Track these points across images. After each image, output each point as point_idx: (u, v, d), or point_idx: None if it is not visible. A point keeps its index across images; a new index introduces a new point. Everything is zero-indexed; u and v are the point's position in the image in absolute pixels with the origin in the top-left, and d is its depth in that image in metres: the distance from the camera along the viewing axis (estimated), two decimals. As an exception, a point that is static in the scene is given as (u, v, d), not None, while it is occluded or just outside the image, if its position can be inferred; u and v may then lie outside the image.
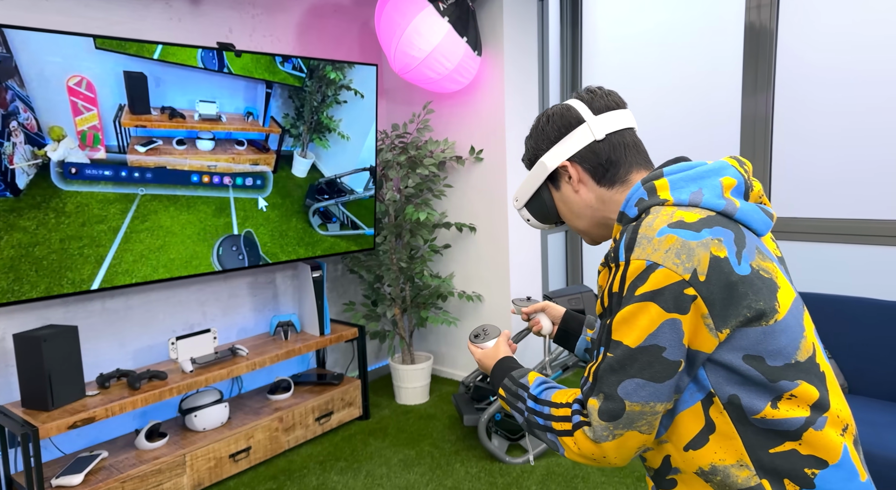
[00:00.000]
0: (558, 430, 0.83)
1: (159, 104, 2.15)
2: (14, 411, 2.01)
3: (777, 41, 2.62)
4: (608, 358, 0.79)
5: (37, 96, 1.73)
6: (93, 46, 1.88)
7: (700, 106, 2.94)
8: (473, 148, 3.07)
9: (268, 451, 2.51)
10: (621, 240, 0.81)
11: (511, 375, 0.95)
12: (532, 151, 0.99)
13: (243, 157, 2.48)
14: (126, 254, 2.17)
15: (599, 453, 0.80)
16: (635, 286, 0.77)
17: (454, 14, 2.68)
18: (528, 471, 2.38)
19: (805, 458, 0.78)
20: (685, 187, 0.82)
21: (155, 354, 2.55)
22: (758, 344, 0.77)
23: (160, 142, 2.15)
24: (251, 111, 2.47)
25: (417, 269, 3.03)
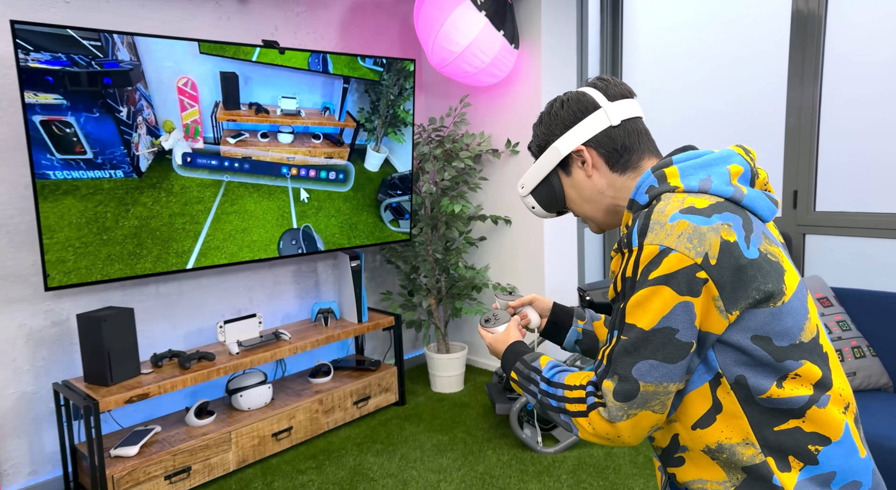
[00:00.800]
0: (572, 411, 0.86)
1: (247, 100, 2.39)
2: (77, 386, 2.17)
3: (826, 29, 2.54)
4: (622, 340, 0.82)
5: (155, 95, 2.05)
6: (197, 51, 2.15)
7: (743, 96, 2.88)
8: (510, 141, 3.10)
9: (308, 431, 2.62)
10: (634, 226, 0.83)
11: (523, 359, 0.97)
12: (543, 137, 0.99)
13: (318, 151, 2.65)
14: (217, 232, 2.42)
15: (614, 433, 0.82)
16: (649, 270, 0.79)
17: (491, 8, 2.71)
18: (560, 460, 2.42)
19: (808, 435, 0.81)
20: (694, 174, 0.85)
21: (204, 337, 2.69)
22: (765, 325, 0.80)
23: (247, 134, 2.39)
24: (328, 106, 2.65)
25: (452, 260, 3.08)
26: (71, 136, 1.78)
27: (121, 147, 1.95)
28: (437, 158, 3.05)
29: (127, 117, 1.91)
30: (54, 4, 2.19)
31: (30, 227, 2.20)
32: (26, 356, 2.23)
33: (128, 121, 1.92)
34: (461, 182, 3.20)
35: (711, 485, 0.85)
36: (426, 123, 3.52)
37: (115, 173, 1.98)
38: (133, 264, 2.21)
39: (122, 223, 2.07)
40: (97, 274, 2.15)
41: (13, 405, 2.21)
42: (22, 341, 2.21)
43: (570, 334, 1.17)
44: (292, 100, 2.52)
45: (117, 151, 1.94)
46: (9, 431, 2.20)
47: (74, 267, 2.08)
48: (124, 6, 2.35)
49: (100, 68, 1.82)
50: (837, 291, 2.33)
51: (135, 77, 1.94)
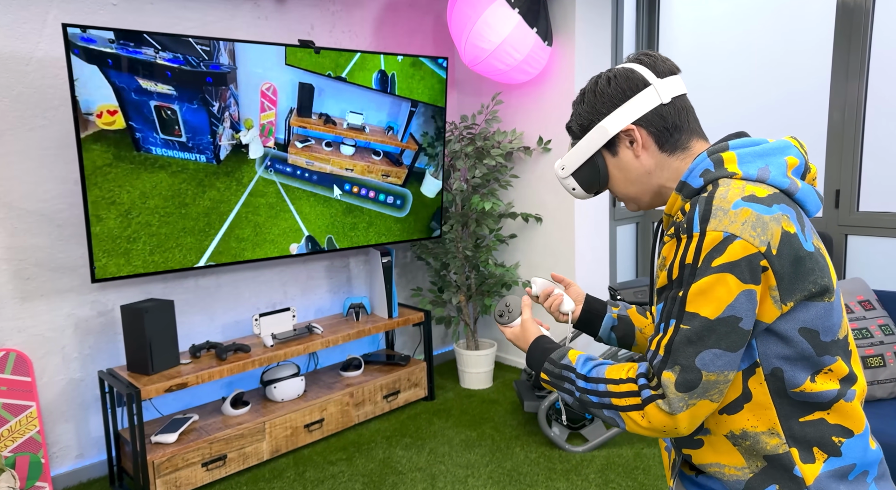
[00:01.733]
0: (621, 405, 0.83)
1: (318, 110, 2.58)
2: (121, 374, 2.26)
3: (873, 22, 2.46)
4: (683, 330, 0.79)
5: (241, 95, 2.31)
6: (283, 62, 2.40)
7: (784, 92, 2.80)
8: (541, 138, 3.09)
9: (339, 423, 2.68)
10: (694, 211, 0.81)
11: (551, 359, 0.94)
12: (587, 116, 0.95)
13: (377, 167, 2.81)
14: (273, 227, 2.57)
15: (672, 424, 0.80)
16: (712, 257, 0.77)
17: (525, 5, 2.70)
18: (588, 460, 2.41)
19: (833, 426, 0.82)
20: (753, 163, 0.83)
21: (240, 329, 2.77)
22: (818, 318, 0.80)
23: (313, 141, 2.59)
24: (392, 125, 2.81)
25: (483, 257, 3.09)
26: (173, 120, 2.11)
27: (208, 136, 2.21)
28: (469, 156, 3.06)
29: (217, 111, 2.20)
30: (103, 6, 2.27)
31: (78, 220, 2.30)
32: (74, 344, 2.33)
33: (217, 114, 2.20)
34: (492, 179, 3.21)
35: (729, 469, 0.85)
36: (458, 121, 3.53)
37: (200, 157, 2.23)
38: (200, 242, 2.36)
39: (199, 201, 2.30)
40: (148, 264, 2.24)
41: (62, 391, 2.31)
42: (70, 330, 2.32)
43: (606, 321, 1.13)
44: (359, 115, 2.70)
45: (205, 139, 2.21)
46: (58, 416, 2.31)
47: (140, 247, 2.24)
48: (168, 7, 2.42)
49: (205, 69, 2.14)
50: (880, 294, 2.26)
51: (230, 79, 2.22)
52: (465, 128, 3.15)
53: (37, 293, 2.23)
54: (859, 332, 2.11)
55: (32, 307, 2.23)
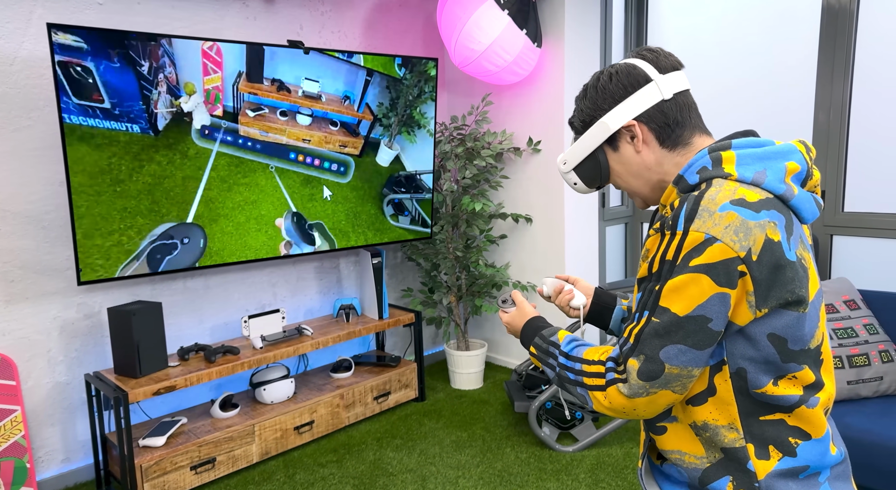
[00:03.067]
0: (589, 384, 0.88)
1: (271, 76, 2.38)
2: (108, 377, 2.24)
3: (858, 24, 2.49)
4: (654, 322, 0.82)
5: (178, 54, 2.05)
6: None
7: (771, 93, 2.83)
8: (531, 139, 3.10)
9: (329, 425, 2.67)
10: (681, 208, 0.82)
11: (541, 334, 0.99)
12: (588, 111, 0.96)
13: (334, 138, 2.66)
14: (228, 200, 2.42)
15: (630, 407, 0.84)
16: (690, 257, 0.79)
17: (514, 6, 2.71)
18: (578, 459, 2.42)
19: (791, 428, 0.84)
20: (751, 165, 0.84)
21: (229, 331, 2.75)
22: (788, 327, 0.82)
23: (266, 110, 2.40)
24: (349, 95, 2.66)
25: (473, 258, 3.10)
26: (89, 84, 1.81)
27: (139, 102, 1.96)
28: (459, 156, 3.06)
29: (148, 73, 1.93)
30: (89, 6, 2.25)
31: (64, 222, 2.28)
32: (60, 347, 2.31)
33: (148, 76, 1.93)
34: (482, 180, 3.21)
35: (689, 457, 0.89)
36: (448, 122, 3.53)
37: (132, 127, 1.99)
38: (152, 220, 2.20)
39: (136, 178, 2.08)
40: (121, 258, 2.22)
41: (48, 394, 2.29)
42: (56, 333, 2.29)
43: (616, 313, 1.15)
44: (315, 83, 2.52)
45: (136, 106, 1.96)
46: (44, 420, 2.28)
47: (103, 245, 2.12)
48: (156, 7, 2.41)
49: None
50: (865, 294, 2.29)
51: (158, 36, 1.97)
52: (455, 129, 3.15)
53: (22, 296, 2.21)
54: (844, 332, 2.14)
55: (17, 310, 2.20)
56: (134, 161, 2.01)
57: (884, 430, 1.87)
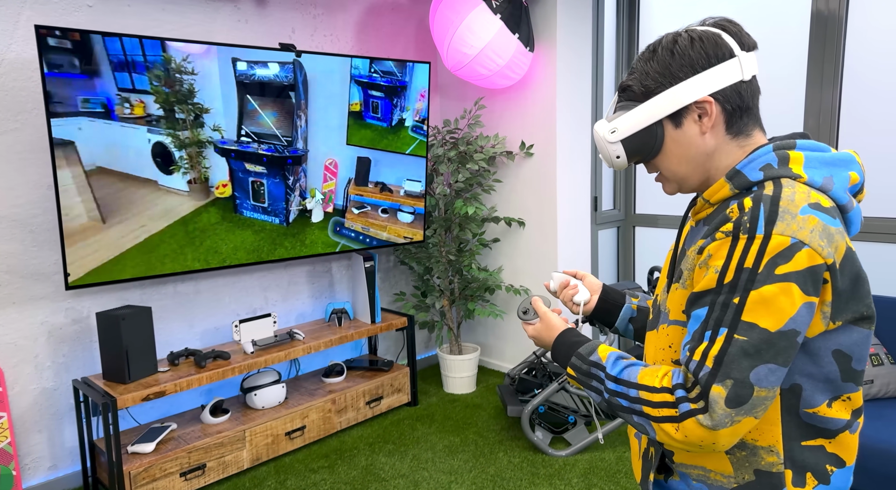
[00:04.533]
0: (654, 415, 0.77)
1: (375, 179, 2.87)
2: (96, 382, 2.21)
3: (846, 30, 2.51)
4: (740, 341, 0.72)
5: (309, 169, 2.68)
6: (345, 143, 2.75)
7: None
8: (524, 143, 3.10)
9: (321, 430, 2.65)
10: (758, 209, 0.74)
11: (579, 353, 0.87)
12: (657, 77, 0.83)
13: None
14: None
15: (711, 439, 0.73)
16: (776, 264, 0.71)
17: (506, 11, 2.72)
18: (571, 464, 2.41)
19: (829, 455, 0.80)
20: (819, 170, 0.78)
21: (220, 335, 2.73)
22: (855, 344, 0.77)
23: (369, 208, 2.89)
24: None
25: (466, 262, 3.09)
26: (261, 191, 2.57)
27: (282, 203, 2.63)
28: (452, 160, 3.06)
29: (291, 183, 2.64)
30: (78, 9, 2.23)
31: (52, 226, 2.25)
32: (48, 353, 2.28)
33: (291, 186, 2.64)
34: (475, 184, 3.21)
35: (714, 475, 0.82)
36: (440, 125, 3.53)
37: (273, 219, 2.63)
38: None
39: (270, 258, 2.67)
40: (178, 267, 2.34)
41: (35, 400, 2.26)
42: (44, 338, 2.26)
43: (624, 312, 1.08)
44: (417, 183, 2.96)
45: (280, 205, 2.63)
46: (30, 426, 2.25)
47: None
48: (146, 10, 2.39)
49: (287, 154, 2.61)
50: (855, 298, 2.30)
51: (303, 159, 2.66)
52: (448, 132, 3.14)
53: (8, 300, 2.18)
54: (835, 335, 2.15)
55: (4, 315, 2.17)
56: (272, 244, 2.64)
57: (875, 434, 1.88)
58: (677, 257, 0.88)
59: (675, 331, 0.85)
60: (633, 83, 0.86)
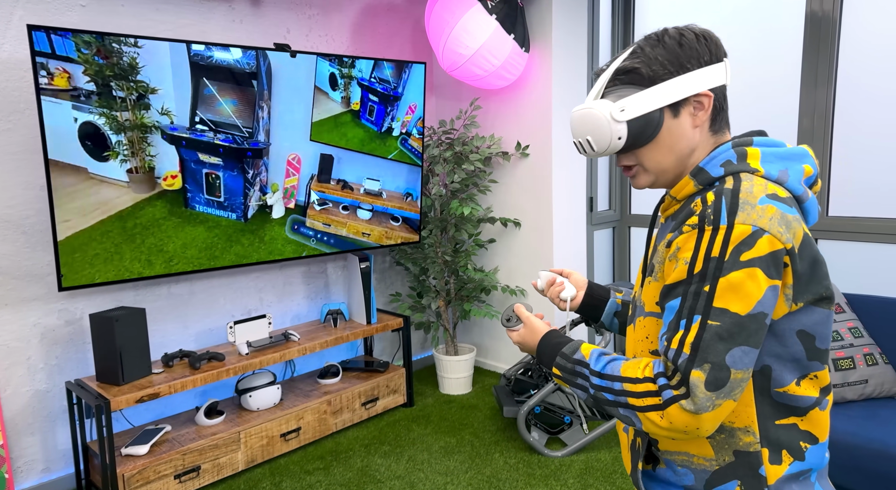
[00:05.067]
0: (638, 405, 0.80)
1: (337, 176, 2.79)
2: (90, 384, 2.20)
3: (840, 32, 2.52)
4: (713, 326, 0.76)
5: (270, 164, 2.57)
6: (308, 138, 2.66)
7: (756, 99, 2.86)
8: (520, 143, 3.10)
9: (316, 432, 2.64)
10: (720, 202, 0.78)
11: (562, 353, 0.90)
12: (665, 64, 0.85)
13: (395, 234, 3.02)
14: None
15: (694, 424, 0.76)
16: (740, 251, 0.76)
17: (502, 12, 2.72)
18: (567, 464, 2.41)
19: (802, 432, 0.84)
20: (774, 163, 0.84)
21: (214, 337, 2.71)
22: (818, 324, 0.82)
23: (330, 204, 2.80)
24: (410, 192, 3.02)
25: (462, 262, 3.09)
26: (216, 185, 2.41)
27: (240, 197, 2.49)
28: (447, 161, 3.06)
29: (251, 177, 2.50)
30: (71, 8, 2.22)
31: (45, 227, 2.24)
32: (40, 355, 2.26)
33: (251, 179, 2.50)
34: (471, 184, 3.21)
35: (698, 459, 0.86)
36: (436, 126, 3.52)
37: (231, 214, 2.48)
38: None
39: (225, 256, 2.52)
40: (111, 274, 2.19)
41: (27, 403, 2.24)
42: (36, 340, 2.24)
43: (609, 307, 1.11)
44: (376, 182, 2.90)
45: (237, 200, 2.49)
46: (23, 429, 2.23)
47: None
48: (140, 9, 2.38)
49: (247, 146, 2.46)
50: (850, 298, 2.31)
51: (265, 152, 2.54)
52: (443, 133, 3.14)
53: (1, 302, 2.16)
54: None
55: (-4, 316, 2.16)
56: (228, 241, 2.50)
57: (869, 433, 1.88)
58: (649, 253, 0.94)
59: (650, 322, 0.89)
60: (639, 66, 0.86)
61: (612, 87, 0.88)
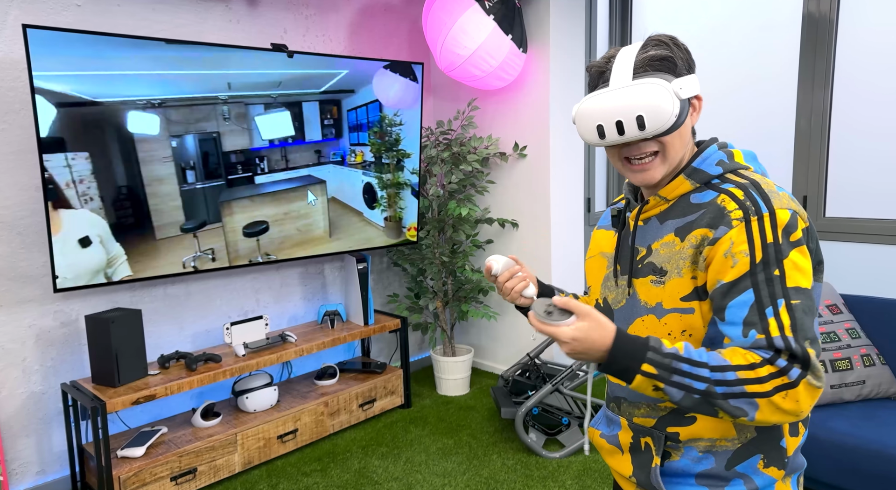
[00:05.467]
0: (763, 391, 0.77)
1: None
2: (85, 386, 2.18)
3: (837, 32, 2.52)
4: (797, 305, 0.79)
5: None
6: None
7: (753, 100, 2.86)
8: (517, 144, 3.10)
9: (313, 433, 2.63)
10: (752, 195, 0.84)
11: (653, 347, 0.81)
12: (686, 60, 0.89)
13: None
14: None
15: (811, 401, 0.78)
16: (788, 232, 0.82)
17: (500, 12, 2.71)
18: (565, 465, 2.41)
19: None
20: (751, 162, 0.93)
21: (211, 338, 2.70)
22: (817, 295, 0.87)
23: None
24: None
25: (459, 263, 3.08)
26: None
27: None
28: (445, 161, 3.05)
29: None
30: (66, 7, 2.21)
31: (40, 228, 2.22)
32: (36, 356, 2.25)
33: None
34: (468, 185, 3.20)
35: (721, 442, 0.89)
36: (434, 126, 3.52)
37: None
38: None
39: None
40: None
41: (23, 405, 2.23)
42: (32, 342, 2.23)
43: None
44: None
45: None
46: (18, 431, 2.22)
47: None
48: (136, 9, 2.37)
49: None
50: (847, 298, 2.31)
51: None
52: (441, 133, 3.14)
53: (-4, 303, 2.15)
54: (827, 336, 2.15)
55: (-9, 318, 2.14)
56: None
57: (866, 434, 1.88)
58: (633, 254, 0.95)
59: (673, 319, 0.89)
60: (675, 56, 0.88)
61: (645, 72, 0.87)
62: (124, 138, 2.13)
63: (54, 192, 2.02)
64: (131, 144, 2.15)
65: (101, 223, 2.14)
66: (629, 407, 0.98)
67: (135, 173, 2.17)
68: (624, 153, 0.92)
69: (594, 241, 1.13)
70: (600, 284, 1.05)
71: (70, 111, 2.01)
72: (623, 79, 0.87)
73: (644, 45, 0.89)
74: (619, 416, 1.01)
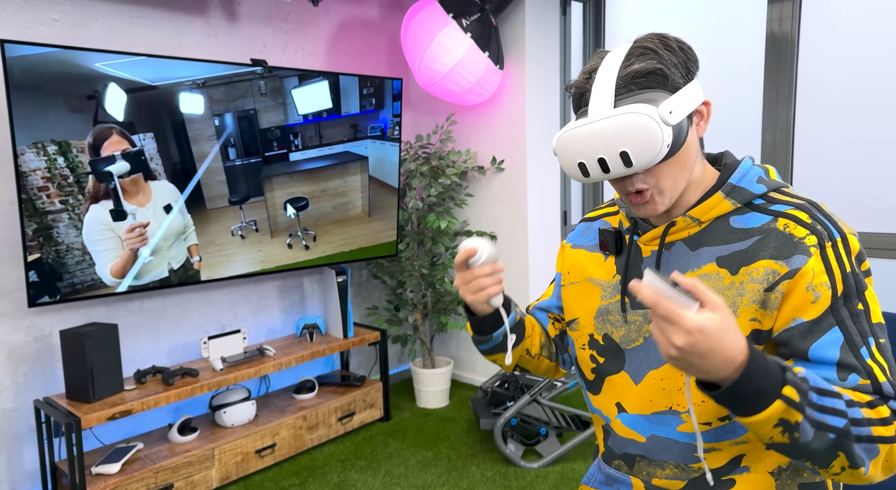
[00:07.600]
0: (886, 436, 0.65)
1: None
2: (59, 402, 2.15)
3: (798, 51, 2.63)
4: (885, 344, 0.70)
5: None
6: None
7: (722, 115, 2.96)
8: (495, 158, 3.15)
9: (292, 448, 2.62)
10: (818, 217, 0.73)
11: (783, 365, 0.64)
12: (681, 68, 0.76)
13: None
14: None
15: None
16: (860, 260, 0.72)
17: (477, 30, 2.77)
18: (542, 475, 2.43)
19: None
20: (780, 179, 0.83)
21: (188, 352, 2.68)
22: None
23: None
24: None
25: (438, 275, 3.11)
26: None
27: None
28: (424, 175, 3.09)
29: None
30: (43, 22, 2.20)
31: (14, 241, 2.20)
32: (7, 372, 2.21)
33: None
34: (447, 198, 3.24)
35: None
36: (413, 140, 3.56)
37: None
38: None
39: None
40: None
41: (-7, 422, 2.18)
42: (3, 357, 2.19)
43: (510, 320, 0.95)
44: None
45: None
46: (-13, 449, 2.18)
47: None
48: (114, 23, 2.37)
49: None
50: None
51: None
52: (420, 147, 3.18)
53: (-34, 319, 2.11)
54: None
55: (-39, 334, 2.11)
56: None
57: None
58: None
59: None
60: (661, 67, 0.74)
61: (629, 92, 0.74)
62: (176, 120, 2.29)
63: (145, 163, 2.22)
64: (181, 125, 2.31)
65: (176, 193, 2.33)
66: (647, 466, 0.82)
67: (185, 150, 2.34)
68: (618, 187, 0.79)
69: (572, 262, 0.96)
70: (592, 317, 0.89)
71: (135, 96, 2.17)
72: (602, 107, 0.73)
73: (628, 56, 0.75)
74: (630, 477, 0.85)
